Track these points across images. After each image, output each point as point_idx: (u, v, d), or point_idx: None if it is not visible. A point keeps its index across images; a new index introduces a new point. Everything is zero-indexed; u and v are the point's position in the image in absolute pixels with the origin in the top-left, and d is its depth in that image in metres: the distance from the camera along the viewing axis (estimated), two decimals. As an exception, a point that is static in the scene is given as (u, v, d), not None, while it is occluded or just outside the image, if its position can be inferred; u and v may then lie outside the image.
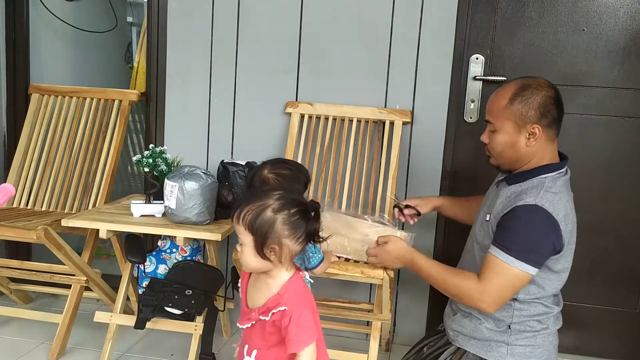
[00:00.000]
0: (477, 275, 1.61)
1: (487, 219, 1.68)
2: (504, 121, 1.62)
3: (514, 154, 1.65)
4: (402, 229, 2.22)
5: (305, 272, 1.51)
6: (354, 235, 1.95)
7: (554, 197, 1.56)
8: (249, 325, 1.38)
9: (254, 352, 1.38)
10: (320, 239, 1.39)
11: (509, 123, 1.61)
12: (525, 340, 1.65)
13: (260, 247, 1.30)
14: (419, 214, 2.09)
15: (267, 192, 1.36)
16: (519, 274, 1.55)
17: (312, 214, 1.34)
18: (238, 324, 1.41)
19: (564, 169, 1.67)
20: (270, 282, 1.36)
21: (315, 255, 1.69)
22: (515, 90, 1.62)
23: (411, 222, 2.10)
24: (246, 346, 1.40)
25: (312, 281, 1.69)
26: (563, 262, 1.64)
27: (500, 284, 1.57)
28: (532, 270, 1.56)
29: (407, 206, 2.08)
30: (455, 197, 2.15)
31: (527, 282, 1.58)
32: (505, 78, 2.36)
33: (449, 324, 1.78)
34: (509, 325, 1.65)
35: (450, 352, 1.74)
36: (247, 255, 1.33)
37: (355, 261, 1.96)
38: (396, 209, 2.12)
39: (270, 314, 1.33)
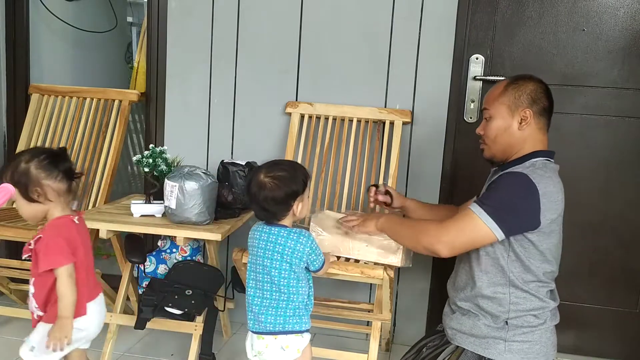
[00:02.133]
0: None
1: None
2: (499, 106, 1.72)
3: (507, 139, 1.71)
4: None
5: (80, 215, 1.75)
6: (358, 235, 1.95)
7: (543, 174, 1.63)
8: (29, 257, 1.66)
9: (32, 280, 1.67)
10: (77, 175, 1.70)
11: (503, 107, 1.71)
12: (522, 336, 1.66)
13: (26, 193, 1.61)
14: (388, 205, 2.07)
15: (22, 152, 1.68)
16: (482, 227, 1.59)
17: (60, 155, 1.65)
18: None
19: (552, 159, 1.74)
20: (46, 221, 1.66)
21: (318, 258, 1.69)
22: (510, 80, 1.75)
23: (376, 206, 2.09)
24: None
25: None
26: (547, 243, 1.67)
27: (460, 227, 1.63)
28: (496, 231, 1.59)
29: (387, 192, 2.06)
30: (422, 202, 2.15)
31: (488, 243, 1.62)
32: (505, 78, 2.36)
33: (447, 322, 1.79)
34: (506, 321, 1.66)
35: (449, 351, 1.75)
36: (21, 206, 1.65)
37: (356, 261, 1.96)
38: (373, 187, 2.07)
39: (32, 243, 1.63)
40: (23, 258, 1.72)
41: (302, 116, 2.45)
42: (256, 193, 1.63)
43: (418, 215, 2.04)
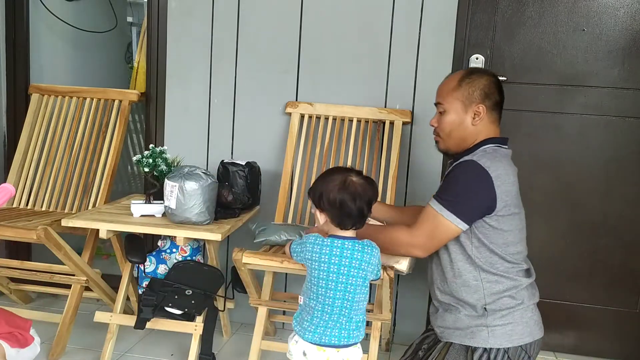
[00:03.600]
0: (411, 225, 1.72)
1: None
2: (453, 101, 1.75)
3: (461, 133, 1.76)
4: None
5: None
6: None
7: (493, 158, 1.66)
8: None
9: None
10: None
11: (457, 103, 1.75)
12: (502, 319, 1.67)
13: None
14: None
15: None
16: (446, 223, 1.65)
17: None
18: None
19: (505, 146, 1.77)
20: None
21: (380, 266, 1.67)
22: (463, 74, 1.78)
23: None
24: None
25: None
26: (508, 225, 1.68)
27: (429, 230, 1.68)
28: (459, 224, 1.64)
29: None
30: (388, 205, 2.17)
31: (454, 235, 1.66)
32: (506, 78, 2.36)
33: (433, 322, 1.82)
34: (485, 307, 1.68)
35: (439, 348, 1.77)
36: None
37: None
38: None
39: None
40: None
41: (302, 116, 2.45)
42: (362, 198, 1.58)
43: (386, 217, 2.03)
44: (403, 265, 1.86)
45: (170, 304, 2.11)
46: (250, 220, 2.27)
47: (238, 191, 2.27)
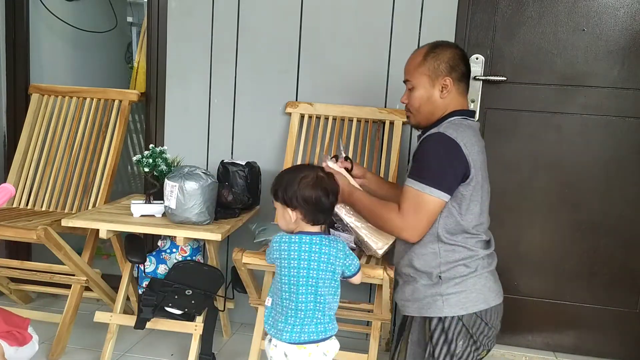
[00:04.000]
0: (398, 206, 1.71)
1: (407, 168, 1.80)
2: (420, 77, 1.77)
3: (430, 108, 1.77)
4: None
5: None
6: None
7: (457, 128, 1.68)
8: None
9: None
10: None
11: (424, 77, 1.76)
12: (455, 287, 1.68)
13: None
14: (349, 171, 2.01)
15: None
16: (432, 200, 1.64)
17: None
18: None
19: (472, 118, 1.78)
20: None
21: (353, 262, 1.68)
22: (427, 49, 1.78)
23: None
24: None
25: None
26: (476, 195, 1.69)
27: (417, 212, 1.66)
28: (443, 196, 1.64)
29: (347, 158, 2.03)
30: (383, 179, 2.17)
31: (441, 208, 1.67)
32: (505, 78, 2.37)
33: (395, 296, 1.84)
34: (439, 276, 1.69)
35: (407, 326, 1.79)
36: None
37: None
38: (333, 159, 2.01)
39: None
40: None
41: (302, 116, 2.45)
42: (330, 196, 1.64)
43: (379, 190, 2.02)
44: (382, 250, 1.89)
45: (170, 304, 2.11)
46: (250, 220, 2.27)
47: (238, 191, 2.27)
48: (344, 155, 2.03)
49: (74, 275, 2.28)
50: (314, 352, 1.63)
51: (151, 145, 2.25)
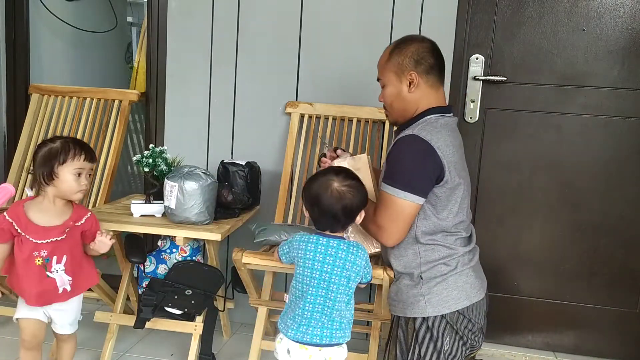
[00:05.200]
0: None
1: (381, 168, 1.79)
2: (387, 74, 1.77)
3: (401, 104, 1.76)
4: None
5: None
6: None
7: (432, 129, 1.66)
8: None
9: (58, 258, 1.80)
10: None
11: (391, 74, 1.76)
12: (437, 286, 1.68)
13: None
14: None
15: None
16: (406, 204, 1.64)
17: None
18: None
19: (449, 114, 1.76)
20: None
21: (370, 270, 1.69)
22: (393, 46, 1.78)
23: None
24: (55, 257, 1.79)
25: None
26: (454, 196, 1.69)
27: (392, 217, 1.66)
28: (417, 200, 1.64)
29: (336, 148, 2.02)
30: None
31: (416, 212, 1.66)
32: (505, 78, 2.37)
33: (388, 296, 1.85)
34: (420, 276, 1.70)
35: (394, 326, 1.79)
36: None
37: None
38: (323, 157, 2.01)
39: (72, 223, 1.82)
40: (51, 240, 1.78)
41: (302, 116, 2.45)
42: (333, 204, 1.58)
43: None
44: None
45: (170, 304, 2.11)
46: (250, 220, 2.27)
47: (238, 191, 2.27)
48: (330, 148, 2.04)
49: (74, 275, 2.27)
50: (315, 355, 1.63)
51: (151, 145, 2.25)
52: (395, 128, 1.86)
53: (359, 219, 1.65)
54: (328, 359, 1.64)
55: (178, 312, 2.15)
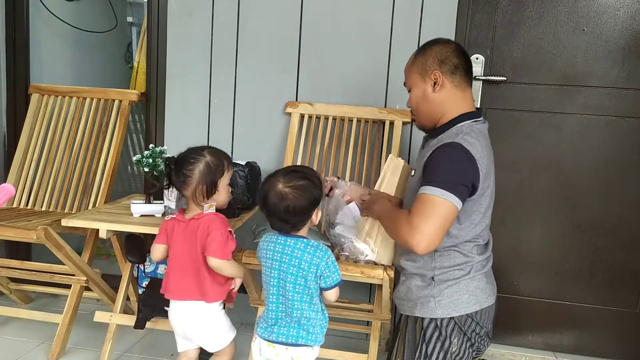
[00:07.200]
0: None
1: (412, 174, 1.77)
2: (412, 76, 1.76)
3: (426, 106, 1.74)
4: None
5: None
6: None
7: (472, 140, 1.63)
8: None
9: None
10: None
11: (416, 76, 1.75)
12: (448, 289, 1.67)
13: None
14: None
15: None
16: (446, 204, 1.54)
17: None
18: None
19: (480, 118, 1.74)
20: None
21: (332, 275, 1.61)
22: (418, 50, 1.79)
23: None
24: None
25: None
26: (479, 206, 1.66)
27: (428, 214, 1.54)
28: (457, 202, 1.55)
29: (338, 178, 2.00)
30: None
31: (453, 217, 1.57)
32: (505, 78, 2.37)
33: (393, 294, 1.84)
34: (433, 278, 1.69)
35: (402, 325, 1.79)
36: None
37: (355, 261, 1.96)
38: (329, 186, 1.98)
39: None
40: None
41: (302, 116, 2.45)
42: (276, 204, 1.56)
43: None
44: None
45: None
46: (250, 220, 2.27)
47: (238, 191, 2.26)
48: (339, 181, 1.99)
49: (73, 275, 2.28)
50: (282, 353, 1.64)
51: (151, 145, 2.25)
52: (425, 135, 1.83)
53: (316, 217, 1.63)
54: (295, 357, 1.64)
55: (178, 312, 2.14)
